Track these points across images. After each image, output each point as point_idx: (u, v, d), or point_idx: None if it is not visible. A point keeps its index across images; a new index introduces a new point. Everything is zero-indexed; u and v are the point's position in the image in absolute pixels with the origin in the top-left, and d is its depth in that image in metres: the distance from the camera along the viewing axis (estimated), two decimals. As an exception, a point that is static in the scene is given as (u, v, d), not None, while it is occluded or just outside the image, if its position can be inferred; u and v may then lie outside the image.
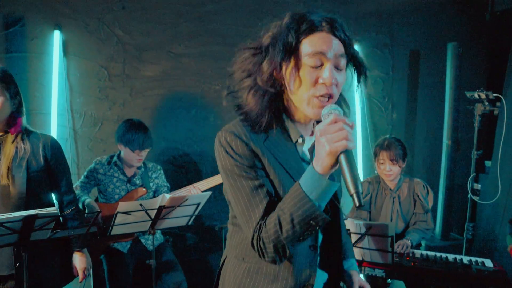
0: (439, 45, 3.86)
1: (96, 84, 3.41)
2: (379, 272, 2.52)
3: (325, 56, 1.11)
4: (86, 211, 2.72)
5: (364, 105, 3.86)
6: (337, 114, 1.05)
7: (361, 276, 1.60)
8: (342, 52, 1.14)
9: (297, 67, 1.14)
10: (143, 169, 3.03)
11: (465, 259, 2.56)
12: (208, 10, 3.51)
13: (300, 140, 1.25)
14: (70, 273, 2.26)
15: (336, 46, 1.13)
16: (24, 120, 2.07)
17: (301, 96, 1.16)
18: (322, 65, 1.13)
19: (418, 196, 2.96)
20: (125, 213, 2.31)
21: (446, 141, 3.54)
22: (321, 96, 1.13)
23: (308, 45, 1.12)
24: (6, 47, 3.18)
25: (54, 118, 3.27)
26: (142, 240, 2.94)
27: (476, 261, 2.51)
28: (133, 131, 2.83)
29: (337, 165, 1.02)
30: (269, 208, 1.15)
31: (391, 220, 2.98)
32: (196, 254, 3.65)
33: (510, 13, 3.78)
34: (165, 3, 3.45)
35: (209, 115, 3.54)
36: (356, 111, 3.83)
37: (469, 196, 3.16)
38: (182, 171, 3.57)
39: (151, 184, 3.03)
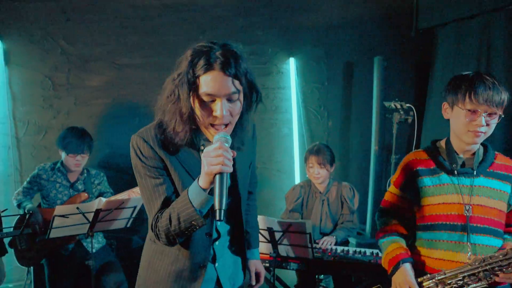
0: (369, 57, 4.16)
1: (40, 93, 3.49)
2: (302, 267, 2.76)
3: (216, 94, 1.30)
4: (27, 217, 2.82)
5: (301, 114, 4.12)
6: (222, 142, 1.28)
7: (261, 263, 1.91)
8: (233, 89, 1.31)
9: (198, 99, 1.33)
10: (85, 174, 3.15)
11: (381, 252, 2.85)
12: (151, 23, 3.68)
13: (202, 147, 1.47)
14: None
15: (227, 84, 1.30)
16: None
17: (202, 122, 1.37)
18: (215, 100, 1.32)
19: (345, 198, 3.23)
20: (63, 216, 2.44)
21: (374, 147, 3.86)
22: (217, 125, 1.35)
23: (203, 84, 1.31)
24: None
25: (-4, 126, 3.33)
26: (84, 243, 3.05)
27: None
28: (71, 135, 2.97)
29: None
30: (166, 203, 1.41)
31: (321, 221, 3.23)
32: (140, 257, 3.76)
33: (432, 31, 4.16)
34: (110, 15, 3.59)
35: (152, 123, 3.69)
36: (293, 119, 4.09)
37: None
38: (126, 177, 3.69)
39: (93, 190, 3.16)
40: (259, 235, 2.60)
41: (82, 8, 3.53)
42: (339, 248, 2.95)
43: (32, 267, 3.06)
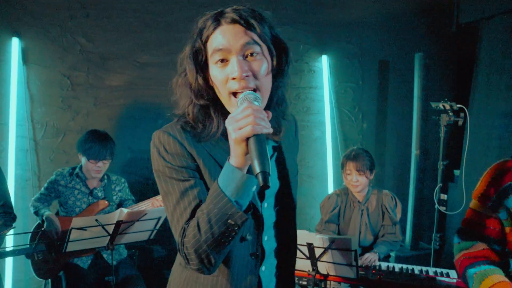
0: (407, 55, 3.91)
1: (59, 93, 3.30)
2: (344, 286, 2.49)
3: (227, 50, 1.06)
4: (45, 225, 2.63)
5: (334, 115, 3.86)
6: (249, 101, 1.01)
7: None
8: (248, 39, 1.06)
9: (211, 67, 1.11)
10: (106, 181, 2.94)
11: (431, 270, 2.56)
12: (174, 19, 3.47)
13: None
14: None
15: (240, 34, 1.06)
16: None
17: (222, 97, 1.11)
18: (228, 60, 1.07)
19: (386, 208, 2.95)
20: (81, 228, 2.22)
21: (414, 151, 3.57)
22: (237, 92, 1.07)
23: (211, 43, 1.08)
24: (-39, 54, 3.06)
25: (13, 129, 3.14)
26: (104, 255, 2.84)
27: (442, 273, 2.51)
28: (92, 140, 2.76)
29: None
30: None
31: (360, 233, 2.96)
32: (164, 267, 3.55)
33: (475, 26, 3.86)
34: (130, 11, 3.39)
35: (176, 125, 3.47)
36: (325, 121, 3.83)
37: (436, 207, 3.18)
38: (149, 183, 3.48)
39: (114, 197, 2.95)
40: (298, 250, 2.35)
41: (102, 3, 3.33)
42: (383, 265, 2.67)
43: (49, 280, 2.86)
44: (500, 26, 3.61)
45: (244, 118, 0.96)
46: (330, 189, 3.80)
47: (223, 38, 1.06)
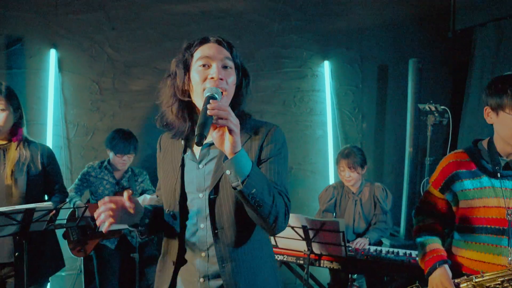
0: (404, 60, 4.17)
1: (89, 97, 3.75)
2: (335, 265, 2.84)
3: (211, 58, 1.37)
4: (76, 211, 3.06)
5: (336, 116, 4.19)
6: (212, 92, 1.29)
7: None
8: (227, 55, 1.40)
9: (193, 69, 1.41)
10: (130, 173, 3.36)
11: (414, 253, 2.88)
12: (190, 30, 3.87)
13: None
14: (59, 263, 2.58)
15: (222, 51, 1.40)
16: (24, 130, 2.40)
17: (195, 92, 1.39)
18: (210, 66, 1.38)
19: (378, 199, 3.27)
20: (111, 211, 2.63)
21: (408, 149, 3.88)
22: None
23: (198, 53, 1.41)
24: (8, 64, 3.54)
25: (50, 128, 3.61)
26: (129, 238, 3.26)
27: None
28: (118, 137, 3.18)
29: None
30: None
31: (354, 221, 3.29)
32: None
33: (470, 32, 4.11)
34: (151, 23, 3.81)
35: (192, 125, 3.87)
36: (327, 121, 4.17)
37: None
38: (167, 176, 3.88)
39: (137, 187, 3.37)
40: (294, 232, 2.72)
41: (125, 18, 3.77)
42: (372, 248, 3.00)
43: (82, 258, 3.31)
44: (492, 33, 3.82)
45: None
46: (331, 184, 4.13)
47: (209, 50, 1.39)
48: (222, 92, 1.33)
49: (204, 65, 1.37)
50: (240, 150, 1.21)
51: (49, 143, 3.59)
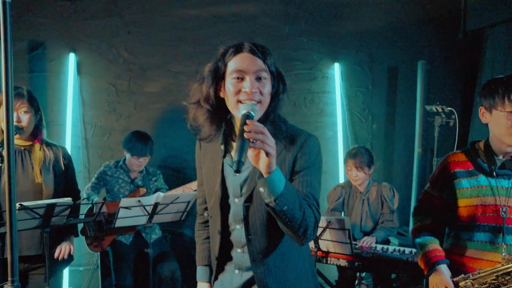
0: (414, 62, 4.20)
1: (105, 99, 3.90)
2: (342, 262, 2.91)
3: (245, 71, 1.38)
4: (94, 208, 3.20)
5: (346, 117, 4.26)
6: (248, 110, 1.32)
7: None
8: (261, 66, 1.39)
9: (227, 81, 1.42)
10: (144, 172, 3.49)
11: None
12: (203, 34, 3.99)
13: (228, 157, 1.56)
14: (71, 257, 2.69)
15: (255, 62, 1.39)
16: (44, 132, 2.54)
17: (230, 103, 1.42)
18: (244, 79, 1.38)
19: (385, 198, 3.32)
20: (127, 208, 2.77)
21: (417, 149, 3.93)
22: (245, 100, 1.37)
23: (231, 64, 1.40)
24: (30, 67, 3.72)
25: (69, 129, 3.77)
26: (143, 234, 3.39)
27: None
28: (135, 139, 3.30)
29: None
30: None
31: (361, 220, 3.35)
32: (191, 249, 4.08)
33: (481, 33, 4.11)
34: (165, 27, 3.94)
35: (204, 126, 3.99)
36: (337, 122, 4.24)
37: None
38: (180, 175, 4.02)
39: (151, 186, 3.49)
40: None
41: (141, 22, 3.90)
42: (379, 246, 3.06)
43: (99, 253, 3.45)
44: (503, 34, 3.82)
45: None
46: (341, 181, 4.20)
47: (243, 62, 1.39)
48: (257, 104, 1.37)
49: (238, 78, 1.39)
50: (275, 169, 1.24)
51: (68, 143, 3.76)
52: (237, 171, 1.19)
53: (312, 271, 1.65)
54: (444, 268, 1.82)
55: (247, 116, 1.28)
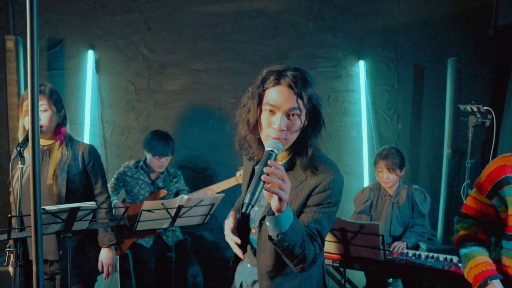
0: (442, 59, 4.06)
1: (124, 97, 3.81)
2: (373, 268, 2.78)
3: (277, 107, 1.39)
4: (113, 210, 3.10)
5: (370, 116, 4.12)
6: (273, 148, 1.34)
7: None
8: (295, 105, 1.38)
9: (262, 110, 1.44)
10: (165, 173, 3.39)
11: (455, 258, 2.79)
12: (224, 30, 3.87)
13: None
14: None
15: (290, 99, 1.38)
16: (68, 130, 2.45)
17: (262, 134, 1.46)
18: (275, 113, 1.40)
19: (415, 202, 3.19)
20: (149, 211, 2.66)
21: (446, 150, 3.76)
22: (274, 138, 1.39)
23: (267, 95, 1.42)
24: (48, 65, 3.64)
25: (87, 128, 3.68)
26: (164, 237, 3.29)
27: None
28: (157, 139, 3.19)
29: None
30: None
31: (390, 224, 3.22)
32: (212, 252, 3.98)
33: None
34: (186, 24, 3.83)
35: (225, 126, 3.89)
36: (362, 122, 4.10)
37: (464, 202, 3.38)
38: (200, 176, 3.91)
39: (172, 187, 3.39)
40: (331, 234, 2.67)
41: (161, 18, 3.81)
42: (411, 252, 2.93)
43: (118, 256, 3.35)
44: None
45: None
46: (366, 185, 4.06)
47: (278, 96, 1.39)
48: (283, 140, 1.40)
49: (270, 111, 1.41)
50: (285, 210, 1.27)
51: (86, 142, 3.65)
52: (245, 213, 1.21)
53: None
54: (497, 284, 1.68)
55: (269, 155, 1.31)
